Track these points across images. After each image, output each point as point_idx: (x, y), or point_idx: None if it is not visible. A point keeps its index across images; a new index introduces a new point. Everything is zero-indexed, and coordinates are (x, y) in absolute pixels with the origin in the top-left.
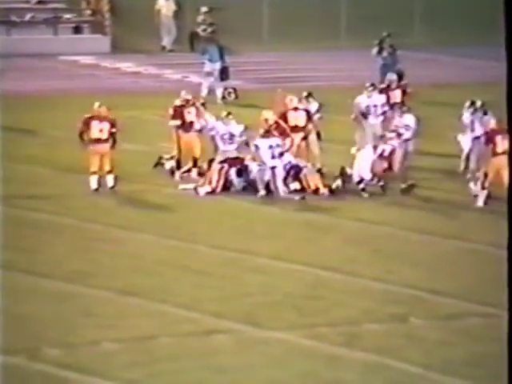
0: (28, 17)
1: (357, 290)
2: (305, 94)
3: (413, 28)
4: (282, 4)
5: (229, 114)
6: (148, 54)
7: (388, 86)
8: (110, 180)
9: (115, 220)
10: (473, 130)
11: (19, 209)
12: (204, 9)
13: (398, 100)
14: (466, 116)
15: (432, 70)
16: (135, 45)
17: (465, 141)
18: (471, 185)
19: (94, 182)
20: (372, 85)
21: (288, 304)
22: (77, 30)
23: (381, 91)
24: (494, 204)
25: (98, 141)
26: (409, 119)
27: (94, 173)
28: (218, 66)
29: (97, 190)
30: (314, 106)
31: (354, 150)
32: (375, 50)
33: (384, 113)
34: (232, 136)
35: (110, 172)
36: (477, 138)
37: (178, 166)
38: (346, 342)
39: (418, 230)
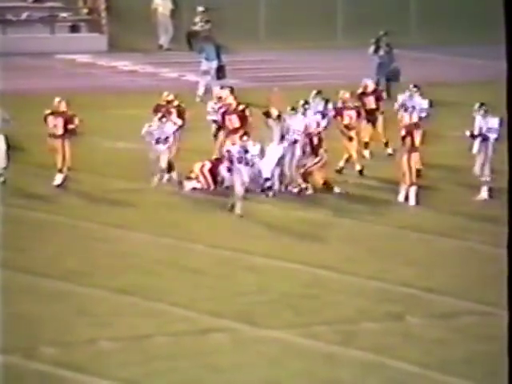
0: (24, 15)
1: (353, 288)
2: (314, 92)
3: (409, 27)
4: (279, 3)
5: (163, 116)
6: (145, 52)
7: (363, 92)
8: (58, 178)
9: (111, 219)
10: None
11: (16, 208)
12: (200, 8)
13: (373, 106)
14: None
15: (428, 68)
16: (132, 43)
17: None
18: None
19: (58, 178)
20: (415, 86)
21: (284, 303)
22: (73, 28)
23: (358, 97)
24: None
25: (53, 136)
26: (297, 123)
27: (60, 170)
28: (214, 64)
29: (59, 186)
30: (320, 105)
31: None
32: (372, 48)
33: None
34: (166, 138)
35: (60, 170)
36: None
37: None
38: (343, 340)
39: (414, 229)
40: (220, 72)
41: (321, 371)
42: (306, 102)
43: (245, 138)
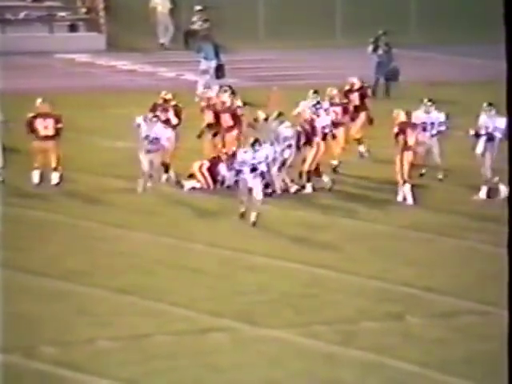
0: (23, 15)
1: (353, 288)
2: (311, 91)
3: (408, 26)
4: (278, 2)
5: (155, 116)
6: (143, 51)
7: (350, 90)
8: (54, 177)
9: (111, 218)
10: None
11: (16, 207)
12: (198, 7)
13: (357, 103)
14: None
15: (427, 68)
16: (131, 43)
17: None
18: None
19: (36, 176)
20: (430, 100)
21: (284, 302)
22: (72, 28)
23: (344, 94)
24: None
25: (46, 138)
26: (286, 131)
27: (37, 168)
28: (213, 64)
29: (39, 184)
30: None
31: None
32: (370, 48)
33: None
34: (156, 139)
35: (55, 169)
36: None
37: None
38: (343, 340)
39: (414, 228)
40: (219, 71)
41: (321, 371)
42: (318, 102)
43: (257, 146)
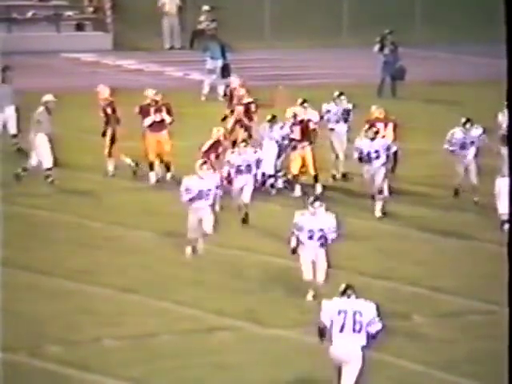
0: (30, 14)
1: (359, 287)
2: (336, 93)
3: (414, 25)
4: (284, 1)
5: (205, 162)
6: (150, 51)
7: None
8: None
9: (116, 217)
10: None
11: (19, 206)
12: (206, 7)
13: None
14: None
15: (433, 67)
16: (137, 42)
17: None
18: None
19: None
20: (468, 120)
21: (290, 301)
22: (79, 27)
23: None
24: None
25: None
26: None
27: None
28: (219, 63)
29: None
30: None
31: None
32: (377, 47)
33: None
34: (208, 191)
35: None
36: None
37: (151, 169)
38: None
39: (419, 228)
40: (225, 71)
41: (326, 370)
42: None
43: (317, 204)
